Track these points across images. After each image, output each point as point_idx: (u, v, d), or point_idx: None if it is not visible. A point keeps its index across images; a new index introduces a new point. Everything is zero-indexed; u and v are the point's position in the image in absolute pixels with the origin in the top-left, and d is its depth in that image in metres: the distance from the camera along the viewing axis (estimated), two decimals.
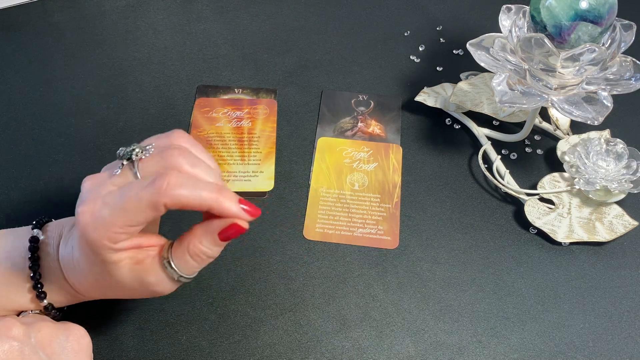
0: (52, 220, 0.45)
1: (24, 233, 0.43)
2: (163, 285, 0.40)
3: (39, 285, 0.42)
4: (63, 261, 0.41)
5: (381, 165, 0.57)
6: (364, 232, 0.53)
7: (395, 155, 0.58)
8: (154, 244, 0.40)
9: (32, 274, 0.42)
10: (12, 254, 0.42)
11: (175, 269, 0.39)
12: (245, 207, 0.38)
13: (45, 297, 0.42)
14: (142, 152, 0.38)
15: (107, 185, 0.38)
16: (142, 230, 0.38)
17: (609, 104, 0.48)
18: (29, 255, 0.42)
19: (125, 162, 0.38)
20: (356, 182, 0.56)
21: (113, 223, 0.36)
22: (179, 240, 0.39)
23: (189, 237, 0.39)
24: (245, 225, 0.38)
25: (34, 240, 0.42)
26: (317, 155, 0.58)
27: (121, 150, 0.38)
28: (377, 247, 0.53)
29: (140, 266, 0.39)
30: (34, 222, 0.43)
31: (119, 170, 0.38)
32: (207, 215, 0.39)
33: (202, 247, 0.39)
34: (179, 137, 0.40)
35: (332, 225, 0.54)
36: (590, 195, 0.53)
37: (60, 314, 0.44)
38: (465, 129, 0.60)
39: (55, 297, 0.43)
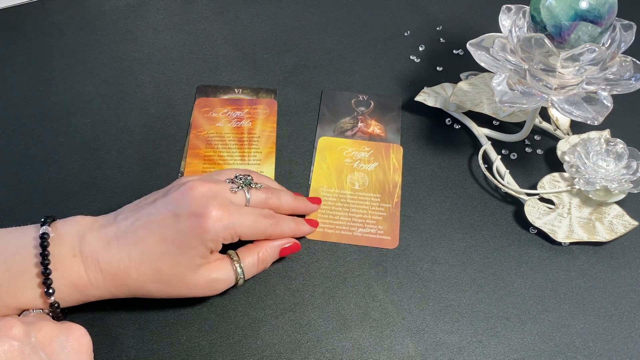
0: (57, 219, 0.46)
1: (29, 230, 0.44)
2: (223, 283, 0.47)
3: (48, 281, 0.42)
4: (100, 255, 0.43)
5: (382, 165, 0.57)
6: (364, 231, 0.53)
7: (395, 155, 0.58)
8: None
9: (42, 269, 0.42)
10: (20, 250, 0.43)
11: (242, 270, 0.47)
12: (309, 227, 0.52)
13: (53, 294, 0.42)
14: (256, 185, 0.48)
15: (229, 197, 0.46)
16: None
17: (609, 104, 0.48)
18: (40, 251, 0.42)
19: (243, 187, 0.47)
20: (356, 181, 0.56)
21: (237, 231, 0.45)
22: (246, 247, 0.48)
23: (260, 246, 0.48)
24: (300, 247, 0.51)
25: (44, 237, 0.43)
26: (318, 155, 0.58)
27: (240, 176, 0.48)
28: (377, 247, 0.53)
29: (211, 264, 0.46)
30: (42, 220, 0.44)
31: (237, 190, 0.47)
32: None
33: (267, 260, 0.49)
34: (270, 180, 0.52)
35: (332, 225, 0.54)
36: (590, 195, 0.53)
37: (63, 316, 0.44)
38: (465, 129, 0.60)
39: (64, 295, 0.43)
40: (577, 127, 0.59)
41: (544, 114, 0.60)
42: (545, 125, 0.59)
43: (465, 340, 0.48)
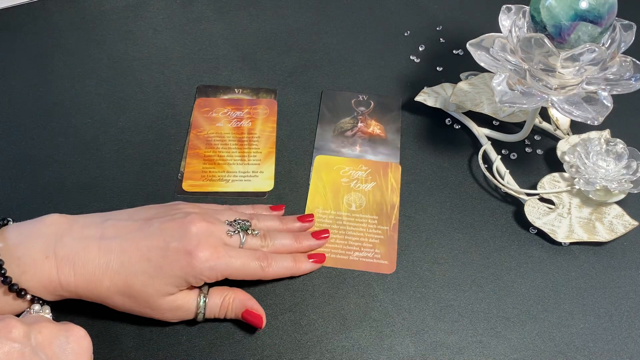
0: (9, 221, 0.46)
1: None
2: (185, 312, 0.46)
3: (14, 287, 0.42)
4: (78, 257, 0.44)
5: (379, 185, 0.56)
6: (360, 255, 0.52)
7: (394, 174, 0.57)
8: None
9: (1, 279, 0.42)
10: None
11: (204, 305, 0.46)
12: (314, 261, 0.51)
13: (27, 293, 0.43)
14: (253, 231, 0.49)
15: (223, 239, 0.47)
16: None
17: (609, 104, 0.48)
18: None
19: (240, 232, 0.48)
20: (353, 202, 0.55)
21: (224, 273, 0.46)
22: (219, 288, 0.48)
23: (231, 292, 0.48)
24: (262, 324, 0.47)
25: None
26: (314, 174, 0.57)
27: (239, 220, 0.49)
28: (374, 272, 0.51)
29: (179, 293, 0.46)
30: None
31: (233, 234, 0.48)
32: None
33: (230, 308, 0.47)
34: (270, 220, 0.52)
35: (327, 248, 0.52)
36: (590, 195, 0.53)
37: (49, 307, 0.44)
38: (465, 129, 0.60)
39: (35, 293, 0.43)
40: (577, 127, 0.59)
41: (544, 114, 0.60)
42: (545, 125, 0.59)
43: (465, 340, 0.48)
